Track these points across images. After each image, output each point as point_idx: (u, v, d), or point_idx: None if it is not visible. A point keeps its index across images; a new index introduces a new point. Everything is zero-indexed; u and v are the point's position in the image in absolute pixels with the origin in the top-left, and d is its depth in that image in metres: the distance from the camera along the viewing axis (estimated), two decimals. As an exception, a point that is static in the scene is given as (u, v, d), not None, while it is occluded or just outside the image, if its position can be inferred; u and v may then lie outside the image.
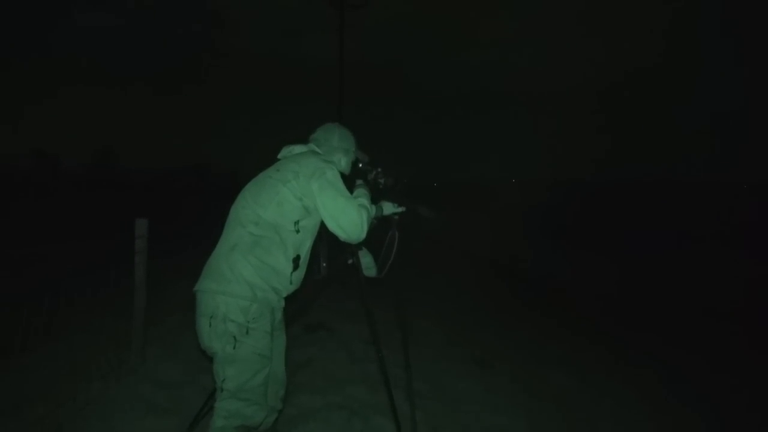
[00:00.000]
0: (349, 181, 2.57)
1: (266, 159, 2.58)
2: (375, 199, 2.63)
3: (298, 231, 2.23)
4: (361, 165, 2.71)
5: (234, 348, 2.11)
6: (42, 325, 3.75)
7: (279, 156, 2.48)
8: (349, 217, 2.23)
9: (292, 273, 2.25)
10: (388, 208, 2.67)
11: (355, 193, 2.45)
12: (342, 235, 2.27)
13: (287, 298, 2.33)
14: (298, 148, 2.48)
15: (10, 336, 3.64)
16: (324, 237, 2.41)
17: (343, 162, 2.58)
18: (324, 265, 2.58)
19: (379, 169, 2.74)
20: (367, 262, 2.74)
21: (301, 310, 3.08)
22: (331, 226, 2.26)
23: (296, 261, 2.26)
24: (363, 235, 2.30)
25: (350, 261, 2.72)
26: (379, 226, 2.71)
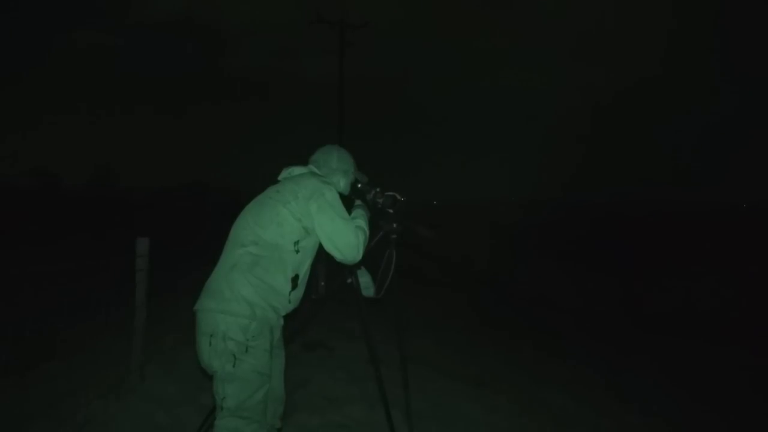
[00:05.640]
0: (348, 201, 2.61)
1: (266, 178, 2.63)
2: (373, 219, 2.66)
3: (297, 251, 2.27)
4: (360, 185, 2.75)
5: (234, 366, 2.13)
6: (43, 344, 3.77)
7: (279, 177, 2.53)
8: (345, 238, 2.27)
9: (290, 292, 2.28)
10: (386, 226, 2.72)
11: (353, 214, 2.49)
12: (338, 256, 2.32)
13: (286, 317, 2.36)
14: (297, 170, 2.53)
15: (11, 356, 3.66)
16: (322, 257, 2.44)
17: (342, 183, 2.63)
18: (322, 284, 2.61)
19: (378, 189, 2.77)
20: (365, 281, 2.77)
21: (300, 329, 3.11)
22: (328, 247, 2.31)
23: (295, 280, 2.29)
24: (359, 257, 2.35)
25: (349, 280, 2.75)
26: (377, 246, 2.74)
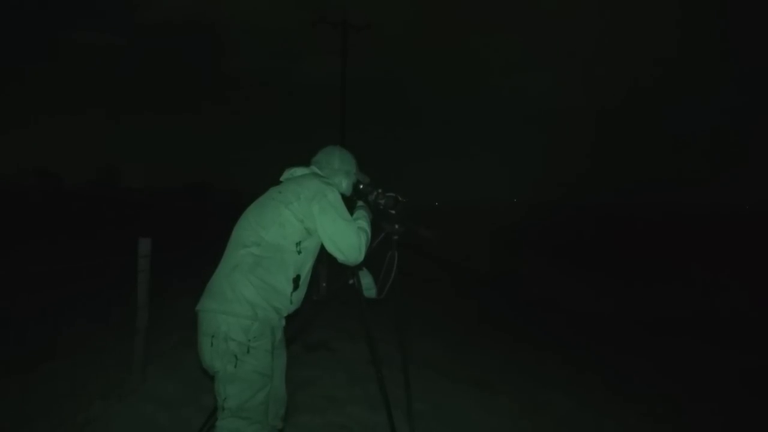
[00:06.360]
0: (350, 202, 2.61)
1: (268, 178, 2.63)
2: (375, 220, 2.66)
3: (299, 252, 2.27)
4: (362, 186, 2.74)
5: (235, 367, 2.13)
6: (43, 344, 3.77)
7: (281, 178, 2.53)
8: (347, 239, 2.27)
9: (292, 293, 2.28)
10: (388, 227, 2.72)
11: (354, 215, 2.48)
12: (340, 257, 2.32)
13: (288, 318, 2.36)
14: (299, 171, 2.53)
15: (13, 355, 3.66)
16: (324, 258, 2.44)
17: (344, 184, 2.63)
18: (323, 285, 2.62)
19: (380, 190, 2.76)
20: (367, 282, 2.77)
21: (301, 330, 3.11)
22: (330, 248, 2.31)
23: (296, 281, 2.29)
24: (361, 258, 2.34)
25: (351, 281, 2.75)
26: (378, 247, 2.74)
